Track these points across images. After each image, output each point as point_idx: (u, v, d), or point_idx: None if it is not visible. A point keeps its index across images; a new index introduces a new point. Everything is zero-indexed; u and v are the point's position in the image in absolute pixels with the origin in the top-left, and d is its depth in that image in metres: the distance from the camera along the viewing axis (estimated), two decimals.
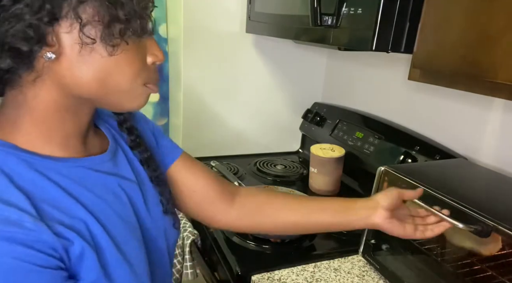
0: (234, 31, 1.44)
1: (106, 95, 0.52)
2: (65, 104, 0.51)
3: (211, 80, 1.49)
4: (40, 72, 0.48)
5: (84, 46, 0.47)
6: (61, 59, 0.47)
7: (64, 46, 0.47)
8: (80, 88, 0.50)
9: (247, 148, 1.60)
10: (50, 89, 0.49)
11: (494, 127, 0.98)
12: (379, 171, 0.86)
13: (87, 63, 0.48)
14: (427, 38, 0.71)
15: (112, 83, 0.51)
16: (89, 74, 0.49)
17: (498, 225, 0.63)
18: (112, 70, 0.50)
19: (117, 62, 0.50)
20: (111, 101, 0.54)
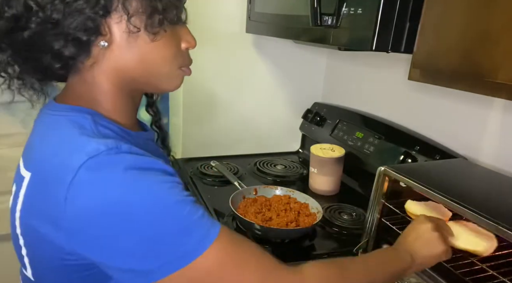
0: (234, 31, 1.44)
1: (149, 77, 0.60)
2: (120, 85, 0.59)
3: (211, 80, 1.49)
4: (96, 58, 0.55)
5: (131, 34, 0.55)
6: (113, 47, 0.55)
7: (114, 35, 0.54)
8: (128, 71, 0.57)
9: (247, 148, 1.60)
10: (106, 72, 0.57)
11: (494, 127, 0.98)
12: (379, 171, 0.86)
13: (133, 49, 0.56)
14: (427, 38, 0.71)
15: (153, 66, 0.58)
16: (134, 58, 0.57)
17: (498, 225, 0.63)
18: (154, 55, 0.57)
19: (157, 48, 0.57)
20: (153, 83, 0.61)
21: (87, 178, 0.47)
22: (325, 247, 1.00)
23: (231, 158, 1.49)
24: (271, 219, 1.02)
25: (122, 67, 0.57)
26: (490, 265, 0.70)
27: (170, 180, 0.51)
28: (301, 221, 1.03)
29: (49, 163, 0.51)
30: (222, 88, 1.52)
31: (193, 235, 0.49)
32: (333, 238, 1.04)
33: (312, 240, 1.01)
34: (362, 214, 1.13)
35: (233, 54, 1.48)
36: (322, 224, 1.06)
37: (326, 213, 1.11)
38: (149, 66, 0.58)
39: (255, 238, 0.98)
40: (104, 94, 0.58)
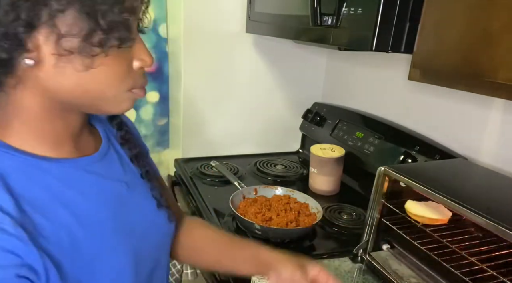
0: (234, 31, 1.44)
1: (90, 100, 0.51)
2: (51, 107, 0.50)
3: (211, 80, 1.49)
4: (20, 78, 0.47)
5: (59, 58, 0.45)
6: (41, 66, 0.46)
7: (43, 53, 0.45)
8: (62, 95, 0.49)
9: (247, 148, 1.60)
10: (33, 93, 0.49)
11: (494, 127, 0.98)
12: (379, 171, 0.86)
13: (65, 74, 0.47)
14: (427, 38, 0.71)
15: (95, 91, 0.50)
16: (70, 83, 0.48)
17: (498, 225, 0.63)
18: (93, 80, 0.48)
19: (97, 73, 0.48)
20: (95, 106, 0.52)
21: None
22: (325, 247, 1.00)
23: (231, 158, 1.49)
24: (271, 219, 1.02)
25: (53, 88, 0.48)
26: (490, 265, 0.70)
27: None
28: (301, 221, 1.03)
29: None
30: (222, 88, 1.52)
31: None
32: (333, 238, 1.04)
33: (312, 240, 1.01)
34: (362, 214, 1.13)
35: (233, 54, 1.48)
36: (322, 224, 1.07)
37: (326, 213, 1.11)
38: (90, 90, 0.49)
39: (255, 238, 0.99)
40: (25, 116, 0.50)
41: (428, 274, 0.82)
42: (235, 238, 0.80)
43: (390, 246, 0.90)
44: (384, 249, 0.91)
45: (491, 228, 0.64)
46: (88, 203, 0.54)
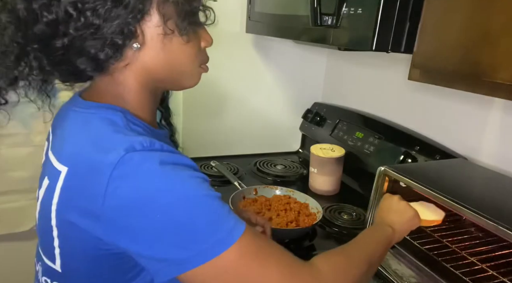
0: (234, 31, 1.44)
1: (174, 76, 0.62)
2: (146, 84, 0.60)
3: (211, 80, 1.49)
4: (128, 60, 0.57)
5: (165, 37, 0.56)
6: (145, 48, 0.56)
7: (147, 38, 0.56)
8: (156, 71, 0.59)
9: (247, 148, 1.60)
10: (135, 72, 0.58)
11: (494, 127, 0.98)
12: (379, 171, 0.86)
13: (164, 50, 0.58)
14: (427, 38, 0.71)
15: (180, 66, 0.61)
16: (164, 58, 0.58)
17: (498, 225, 0.63)
18: (182, 55, 0.60)
19: (185, 48, 0.60)
20: (177, 81, 0.64)
21: (125, 172, 0.49)
22: (325, 247, 1.00)
23: (231, 158, 1.49)
24: (271, 219, 1.02)
25: (151, 67, 0.58)
26: (490, 265, 0.70)
27: (199, 176, 0.54)
28: (301, 221, 1.03)
29: (87, 159, 0.52)
30: (222, 88, 1.52)
31: (223, 227, 0.51)
32: (333, 238, 1.04)
33: (312, 240, 1.01)
34: (362, 214, 1.13)
35: (233, 54, 1.48)
36: (322, 224, 1.06)
37: (326, 213, 1.11)
38: (175, 66, 0.60)
39: None
40: (131, 93, 0.60)
41: (428, 274, 0.82)
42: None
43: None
44: None
45: (491, 228, 0.64)
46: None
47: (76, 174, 0.54)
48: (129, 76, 0.58)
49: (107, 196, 0.49)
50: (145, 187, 0.50)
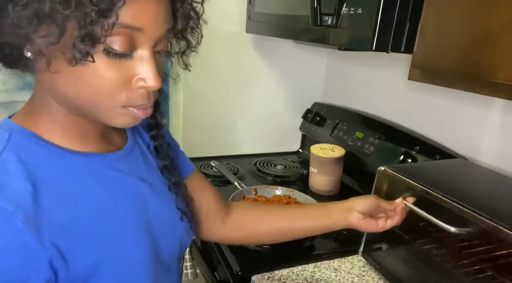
0: (234, 31, 1.44)
1: (87, 108, 0.50)
2: (67, 108, 0.52)
3: (211, 80, 1.49)
4: (36, 72, 0.49)
5: (50, 60, 0.45)
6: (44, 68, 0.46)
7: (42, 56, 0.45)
8: (64, 97, 0.50)
9: (247, 148, 1.60)
10: (47, 88, 0.51)
11: (494, 127, 0.98)
12: (379, 171, 0.86)
13: (59, 76, 0.47)
14: (427, 38, 0.71)
15: (87, 98, 0.48)
16: (65, 86, 0.48)
17: (498, 225, 0.63)
18: (84, 87, 0.47)
19: (87, 80, 0.47)
20: (93, 115, 0.51)
21: None
22: (325, 247, 1.00)
23: (231, 158, 1.49)
24: None
25: (57, 91, 0.49)
26: (490, 265, 0.70)
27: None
28: None
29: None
30: (222, 88, 1.52)
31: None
32: (333, 238, 1.04)
33: (312, 240, 1.01)
34: None
35: (233, 54, 1.48)
36: None
37: None
38: (82, 98, 0.48)
39: None
40: (52, 107, 0.52)
41: (428, 274, 0.82)
42: (284, 206, 0.93)
43: (390, 246, 0.90)
44: (384, 249, 0.91)
45: (491, 228, 0.64)
46: (110, 198, 0.55)
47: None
48: (44, 89, 0.51)
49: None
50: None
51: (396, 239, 0.88)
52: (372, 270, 0.90)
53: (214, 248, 1.01)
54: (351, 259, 0.94)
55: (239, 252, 0.94)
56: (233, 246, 0.96)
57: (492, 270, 0.69)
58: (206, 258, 1.09)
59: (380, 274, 0.88)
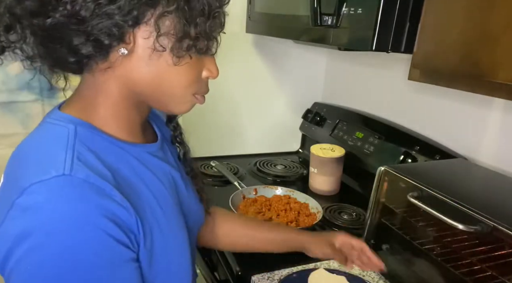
0: (234, 31, 1.44)
1: (160, 96, 0.57)
2: (128, 96, 0.57)
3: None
4: (112, 64, 0.53)
5: (154, 52, 0.52)
6: (132, 56, 0.53)
7: (137, 46, 0.52)
8: (140, 85, 0.55)
9: (247, 148, 1.60)
10: (118, 80, 0.55)
11: (494, 127, 0.98)
12: (379, 171, 0.86)
13: (152, 66, 0.53)
14: (427, 38, 0.71)
15: (168, 87, 0.56)
16: (151, 74, 0.54)
17: (498, 225, 0.63)
18: (172, 77, 0.55)
19: (177, 71, 0.55)
20: (162, 102, 0.59)
21: (24, 206, 0.46)
22: None
23: (231, 158, 1.49)
24: (271, 219, 1.02)
25: (135, 78, 0.55)
26: (490, 265, 0.70)
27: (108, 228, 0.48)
28: (301, 221, 1.03)
29: (11, 174, 0.52)
30: (222, 88, 1.52)
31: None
32: None
33: None
34: (362, 214, 1.13)
35: (233, 54, 1.48)
36: (322, 224, 1.06)
37: (326, 213, 1.11)
38: (163, 86, 0.56)
39: None
40: (107, 101, 0.56)
41: (428, 274, 0.82)
42: (263, 222, 0.95)
43: (390, 246, 0.90)
44: (384, 249, 0.91)
45: (491, 228, 0.64)
46: (160, 184, 0.60)
47: (3, 188, 0.52)
48: (110, 81, 0.55)
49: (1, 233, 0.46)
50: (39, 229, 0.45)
51: (396, 239, 0.88)
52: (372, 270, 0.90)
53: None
54: None
55: (239, 252, 0.94)
56: None
57: (492, 270, 0.69)
58: (206, 258, 1.09)
59: (380, 274, 0.88)
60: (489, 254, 0.72)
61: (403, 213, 0.85)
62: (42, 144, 0.53)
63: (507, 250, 0.66)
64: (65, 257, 0.45)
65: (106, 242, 0.47)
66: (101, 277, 0.48)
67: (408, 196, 0.79)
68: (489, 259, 0.70)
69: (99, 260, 0.47)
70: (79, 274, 0.46)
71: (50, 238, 0.45)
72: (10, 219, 0.46)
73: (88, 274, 0.46)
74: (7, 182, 0.53)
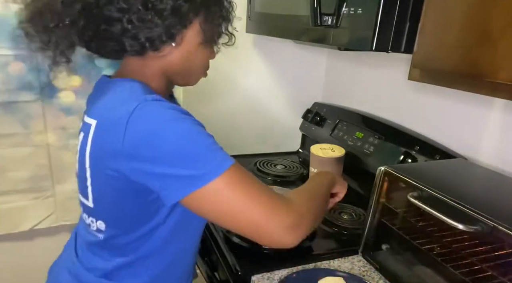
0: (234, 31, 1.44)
1: (187, 73, 0.77)
2: (166, 74, 0.74)
3: (211, 80, 1.48)
4: (164, 53, 0.70)
5: (200, 45, 0.73)
6: (179, 48, 0.71)
7: (185, 41, 0.71)
8: (179, 67, 0.74)
9: (247, 148, 1.60)
10: (163, 63, 0.72)
11: (494, 127, 0.98)
12: (379, 171, 0.86)
13: (193, 54, 0.73)
14: (427, 38, 0.71)
15: (196, 69, 0.78)
16: (188, 62, 0.74)
17: (498, 225, 0.63)
18: (198, 61, 0.76)
19: (202, 56, 0.76)
20: (186, 77, 0.79)
21: (139, 115, 0.61)
22: (325, 247, 1.00)
23: None
24: None
25: (177, 62, 0.73)
26: (490, 265, 0.70)
27: (200, 124, 0.68)
28: None
29: (111, 111, 0.65)
30: (222, 88, 1.52)
31: (219, 154, 0.66)
32: (333, 238, 1.04)
33: (312, 240, 1.01)
34: (362, 214, 1.13)
35: (233, 54, 1.48)
36: (322, 224, 1.06)
37: (326, 213, 1.11)
38: (192, 67, 0.76)
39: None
40: (153, 76, 0.73)
41: (428, 274, 0.82)
42: None
43: (390, 246, 0.90)
44: (384, 249, 0.91)
45: (491, 228, 0.64)
46: None
47: (103, 124, 0.66)
48: (157, 64, 0.72)
49: (126, 135, 0.60)
50: (156, 121, 0.61)
51: (396, 239, 0.88)
52: (372, 270, 0.90)
53: (214, 248, 1.01)
54: (351, 259, 0.94)
55: (239, 252, 0.94)
56: (233, 246, 0.97)
57: (492, 270, 0.69)
58: (206, 258, 1.09)
59: (380, 274, 0.88)
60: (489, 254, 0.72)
61: (403, 213, 0.85)
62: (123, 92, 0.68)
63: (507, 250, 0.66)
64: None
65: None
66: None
67: (408, 196, 0.79)
68: (489, 259, 0.70)
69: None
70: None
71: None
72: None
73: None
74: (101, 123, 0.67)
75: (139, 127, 0.61)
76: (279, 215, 0.65)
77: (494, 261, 0.70)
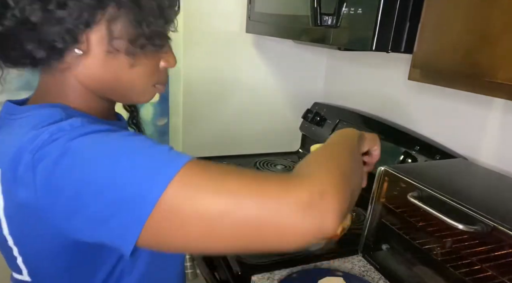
0: (234, 31, 1.44)
1: (122, 91, 0.59)
2: (94, 90, 0.58)
3: (211, 80, 1.49)
4: (69, 64, 0.54)
5: (108, 54, 0.54)
6: (88, 56, 0.54)
7: (92, 47, 0.53)
8: (100, 82, 0.57)
9: (247, 148, 1.60)
10: (79, 77, 0.56)
11: (494, 127, 0.98)
12: (379, 171, 0.86)
13: (109, 65, 0.55)
14: (427, 38, 0.71)
15: (128, 84, 0.58)
16: (110, 74, 0.56)
17: (498, 225, 0.63)
18: (129, 73, 0.57)
19: (134, 68, 0.57)
20: (125, 96, 0.62)
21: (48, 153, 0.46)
22: (325, 247, 1.00)
23: (231, 158, 1.49)
24: None
25: (95, 76, 0.56)
26: (490, 265, 0.70)
27: (129, 134, 0.51)
28: None
29: (16, 152, 0.48)
30: (222, 88, 1.52)
31: (162, 157, 0.50)
32: None
33: None
34: (362, 214, 1.13)
35: (233, 54, 1.48)
36: None
37: None
38: (123, 82, 0.58)
39: None
40: (75, 92, 0.57)
41: (427, 274, 0.82)
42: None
43: (389, 246, 0.90)
44: (384, 249, 0.91)
45: (491, 228, 0.64)
46: None
47: (10, 170, 0.49)
48: (70, 78, 0.56)
49: (36, 182, 0.46)
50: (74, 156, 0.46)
51: (396, 239, 0.88)
52: (372, 270, 0.90)
53: None
54: (351, 259, 0.94)
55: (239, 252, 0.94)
56: None
57: (492, 270, 0.69)
58: (206, 258, 1.09)
59: (380, 274, 0.88)
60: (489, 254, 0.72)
61: (403, 213, 0.85)
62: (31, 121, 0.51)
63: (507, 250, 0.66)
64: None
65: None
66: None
67: (408, 196, 0.79)
68: (489, 259, 0.70)
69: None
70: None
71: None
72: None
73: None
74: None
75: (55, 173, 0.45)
76: (287, 197, 0.44)
77: (494, 261, 0.70)
